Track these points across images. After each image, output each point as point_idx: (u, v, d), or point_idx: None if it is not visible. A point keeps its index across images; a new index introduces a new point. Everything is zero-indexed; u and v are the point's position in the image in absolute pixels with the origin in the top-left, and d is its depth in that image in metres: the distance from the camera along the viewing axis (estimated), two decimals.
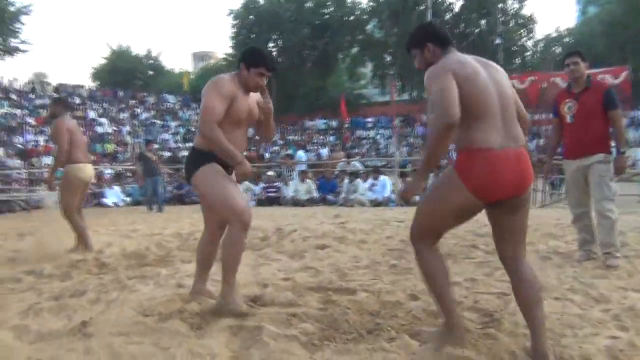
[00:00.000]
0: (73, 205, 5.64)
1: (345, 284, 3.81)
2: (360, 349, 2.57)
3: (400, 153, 21.70)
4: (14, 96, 24.71)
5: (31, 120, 22.86)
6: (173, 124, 30.41)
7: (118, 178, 16.03)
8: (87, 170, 5.73)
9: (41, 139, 21.48)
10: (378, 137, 32.07)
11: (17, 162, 18.38)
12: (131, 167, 16.50)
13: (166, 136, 27.65)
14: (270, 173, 13.39)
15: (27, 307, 3.58)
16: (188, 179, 3.29)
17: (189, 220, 8.80)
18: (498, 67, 2.58)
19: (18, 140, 20.33)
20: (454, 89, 2.30)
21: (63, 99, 7.67)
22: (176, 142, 26.97)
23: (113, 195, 14.51)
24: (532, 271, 2.52)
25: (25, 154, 19.53)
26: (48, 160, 19.63)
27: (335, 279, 3.96)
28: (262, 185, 12.78)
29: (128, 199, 14.58)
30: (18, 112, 23.15)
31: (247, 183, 12.44)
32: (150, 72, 37.40)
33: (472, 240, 5.57)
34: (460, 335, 2.56)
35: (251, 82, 3.21)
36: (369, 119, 34.94)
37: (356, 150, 25.96)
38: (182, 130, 29.49)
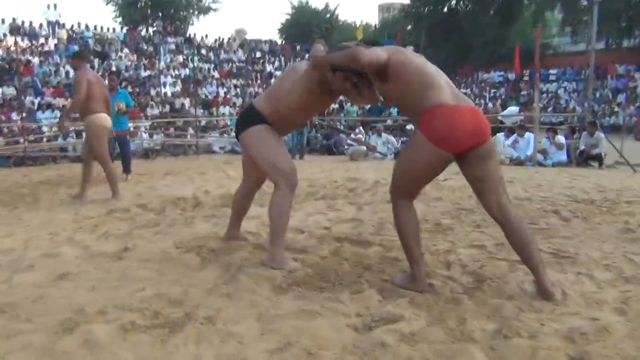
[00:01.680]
0: (104, 152, 6.12)
1: (372, 237, 3.84)
2: (319, 297, 2.68)
3: (584, 108, 19.44)
4: (203, 51, 27.57)
5: (215, 74, 25.36)
6: None
7: None
8: (106, 119, 6.09)
9: (221, 91, 23.75)
10: (560, 90, 29.11)
11: (200, 111, 20.72)
12: None
13: None
14: (409, 127, 13.25)
15: (103, 232, 4.30)
16: (237, 135, 3.44)
17: (318, 170, 9.17)
18: None
19: (203, 91, 22.79)
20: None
21: (81, 52, 7.78)
22: None
23: None
24: (521, 217, 2.74)
25: (208, 104, 21.88)
26: (226, 110, 21.82)
27: (367, 233, 3.99)
28: (402, 139, 12.77)
29: None
30: (206, 66, 25.83)
31: (386, 135, 12.50)
32: (327, 26, 38.51)
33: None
34: (421, 288, 2.72)
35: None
36: (553, 71, 31.77)
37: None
38: None
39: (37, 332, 2.30)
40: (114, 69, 21.83)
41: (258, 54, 30.34)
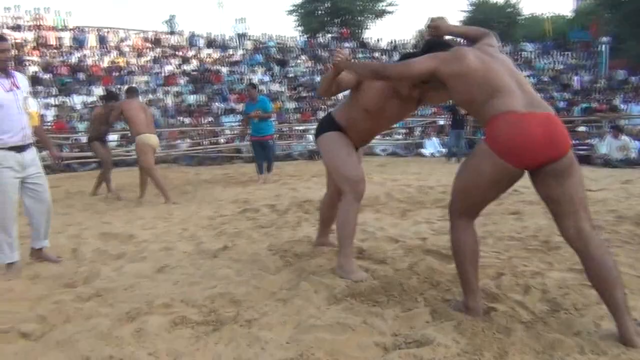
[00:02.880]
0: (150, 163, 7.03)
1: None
2: (366, 311, 2.63)
3: None
4: (377, 54, 28.04)
5: None
6: (525, 73, 29.19)
7: (442, 130, 16.80)
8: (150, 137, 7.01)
9: None
10: None
11: None
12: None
13: None
14: (581, 129, 11.88)
15: (222, 230, 4.71)
16: (316, 138, 3.54)
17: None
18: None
19: None
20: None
21: (110, 93, 8.56)
22: None
23: (431, 145, 15.43)
24: (606, 250, 2.31)
25: None
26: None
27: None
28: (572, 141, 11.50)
29: (444, 150, 15.23)
30: None
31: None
32: (505, 21, 36.27)
33: None
34: (474, 317, 2.47)
35: None
36: None
37: None
38: (532, 80, 28.08)
39: (109, 317, 2.65)
40: (291, 75, 23.36)
41: None
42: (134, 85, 17.88)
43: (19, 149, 3.69)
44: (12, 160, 3.64)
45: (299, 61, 24.64)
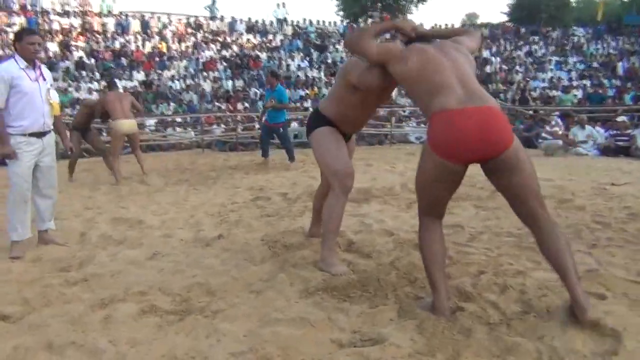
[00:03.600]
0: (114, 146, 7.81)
1: (452, 247, 3.51)
2: (333, 307, 2.62)
3: None
4: None
5: None
6: (572, 59, 28.04)
7: None
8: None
9: None
10: None
11: (408, 100, 20.86)
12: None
13: (562, 74, 25.88)
14: (621, 119, 11.32)
15: (224, 218, 4.78)
16: (307, 135, 3.53)
17: None
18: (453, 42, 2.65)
19: None
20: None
21: (111, 82, 9.29)
22: (570, 79, 24.94)
23: None
24: (554, 224, 2.37)
25: None
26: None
27: (452, 242, 3.65)
28: (611, 131, 11.01)
29: None
30: None
31: (590, 128, 10.96)
32: (555, 4, 34.81)
33: None
34: (438, 316, 2.41)
35: None
36: None
37: None
38: (581, 66, 26.95)
39: (85, 302, 2.74)
40: (330, 61, 23.26)
41: None
42: (115, 79, 18.23)
43: (39, 135, 3.90)
44: (32, 146, 3.84)
45: (338, 47, 24.46)
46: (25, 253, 3.80)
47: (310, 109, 19.19)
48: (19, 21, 20.58)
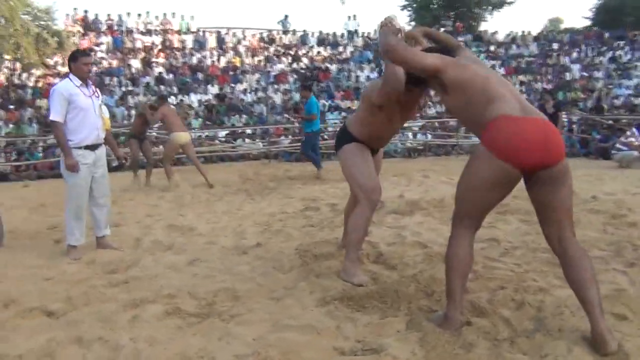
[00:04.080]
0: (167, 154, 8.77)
1: (481, 261, 3.46)
2: (345, 316, 2.70)
3: None
4: (492, 47, 26.84)
5: (501, 70, 24.46)
6: None
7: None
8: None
9: None
10: None
11: None
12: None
13: None
14: None
15: (268, 227, 4.95)
16: (336, 151, 3.65)
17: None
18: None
19: None
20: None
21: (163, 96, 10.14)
22: None
23: None
24: (583, 253, 2.36)
25: None
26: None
27: (483, 256, 3.59)
28: None
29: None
30: (491, 62, 25.13)
31: None
32: None
33: None
34: (450, 331, 2.42)
35: None
36: None
37: None
38: None
39: (119, 302, 2.97)
40: None
41: (555, 46, 27.98)
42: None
43: (93, 147, 4.26)
44: (86, 158, 4.20)
45: None
46: (81, 256, 4.13)
47: None
48: (106, 40, 22.14)
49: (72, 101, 4.10)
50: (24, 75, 18.66)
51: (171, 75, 21.09)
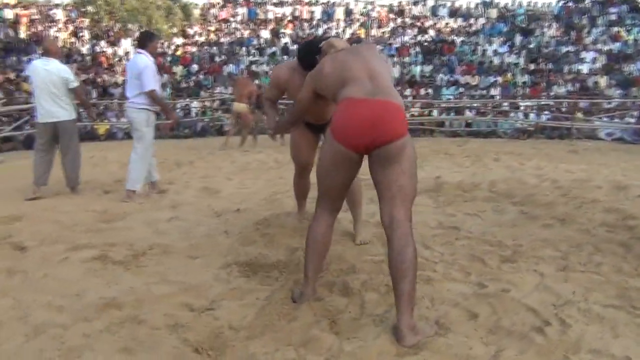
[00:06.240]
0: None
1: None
2: (223, 278, 2.94)
3: None
4: None
5: None
6: None
7: None
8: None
9: None
10: None
11: (617, 91, 18.38)
12: None
13: None
14: None
15: (267, 199, 5.20)
16: None
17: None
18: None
19: (628, 68, 19.86)
20: None
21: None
22: None
23: None
24: (407, 241, 2.29)
25: (631, 83, 19.00)
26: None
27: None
28: None
29: None
30: None
31: None
32: None
33: None
34: (301, 301, 2.55)
35: None
36: None
37: None
38: None
39: (67, 245, 3.48)
40: (532, 45, 21.57)
41: None
42: None
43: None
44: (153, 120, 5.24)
45: (544, 30, 22.47)
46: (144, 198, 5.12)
47: (497, 97, 18.20)
48: (242, 12, 23.54)
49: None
50: (165, 43, 20.64)
51: (295, 46, 21.87)
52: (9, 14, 21.20)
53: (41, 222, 4.14)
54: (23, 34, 20.34)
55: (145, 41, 5.18)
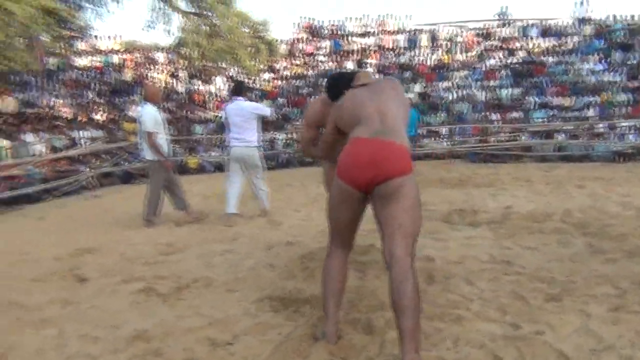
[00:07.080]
0: None
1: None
2: (252, 312, 2.98)
3: None
4: None
5: None
6: None
7: None
8: None
9: None
10: None
11: None
12: None
13: None
14: None
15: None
16: None
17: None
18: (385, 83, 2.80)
19: None
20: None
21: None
22: None
23: None
24: (406, 277, 2.24)
25: None
26: None
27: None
28: None
29: None
30: None
31: None
32: None
33: None
34: (326, 340, 2.51)
35: None
36: None
37: None
38: None
39: (123, 276, 3.70)
40: (633, 61, 20.10)
41: None
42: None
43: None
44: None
45: None
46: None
47: (594, 118, 17.07)
48: (325, 44, 24.14)
49: None
50: (252, 79, 21.53)
51: (379, 75, 21.95)
52: (116, 59, 23.22)
53: (109, 255, 4.45)
54: (128, 76, 22.12)
55: (241, 89, 6.37)
